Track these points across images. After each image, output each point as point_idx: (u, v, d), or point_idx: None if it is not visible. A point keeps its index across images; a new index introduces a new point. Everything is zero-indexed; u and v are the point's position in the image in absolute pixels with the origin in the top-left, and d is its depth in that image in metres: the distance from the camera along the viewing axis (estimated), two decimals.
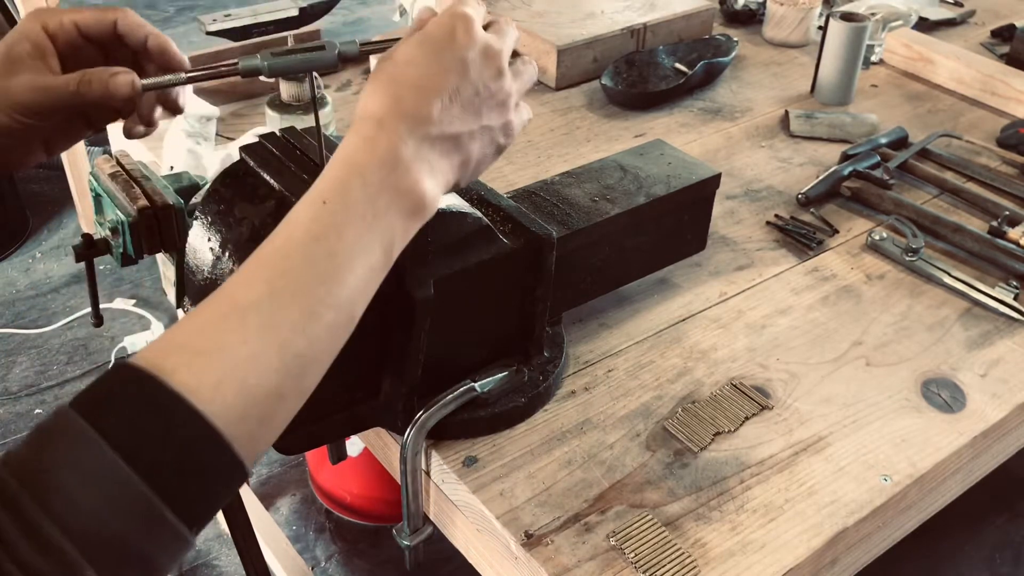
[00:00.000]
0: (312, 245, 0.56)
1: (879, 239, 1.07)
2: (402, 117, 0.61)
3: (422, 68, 0.62)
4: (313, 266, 0.55)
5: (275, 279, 0.54)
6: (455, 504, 0.80)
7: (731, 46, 1.47)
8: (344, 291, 0.56)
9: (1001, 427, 0.88)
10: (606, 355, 0.92)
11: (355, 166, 0.59)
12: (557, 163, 1.23)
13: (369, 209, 0.58)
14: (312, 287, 0.55)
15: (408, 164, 0.60)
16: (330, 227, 0.57)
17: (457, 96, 0.63)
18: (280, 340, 0.53)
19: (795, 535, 0.75)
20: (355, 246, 0.57)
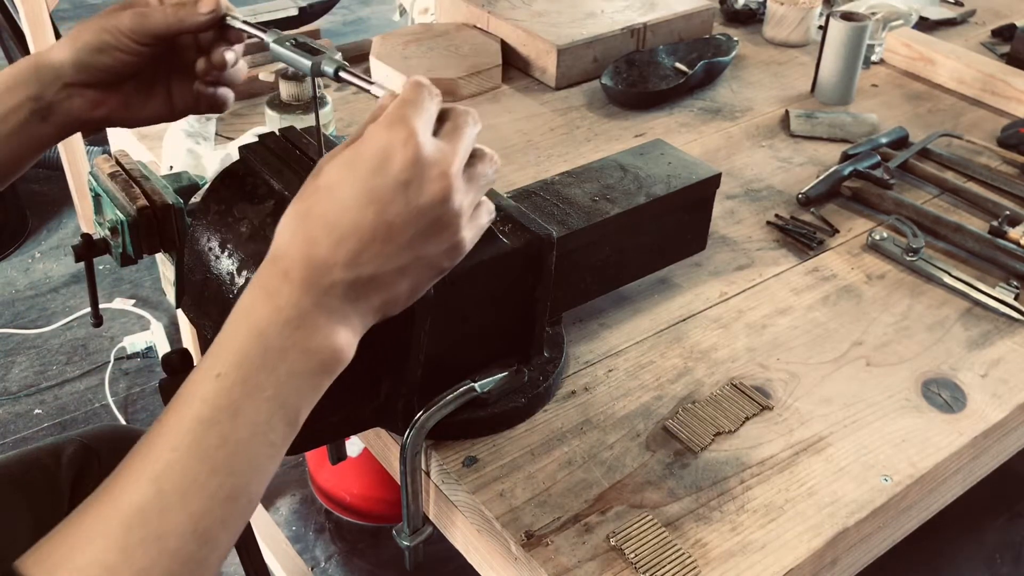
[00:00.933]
0: (203, 432, 0.51)
1: (879, 239, 1.07)
2: (310, 264, 0.55)
3: (343, 200, 0.55)
4: (204, 458, 0.50)
5: (161, 477, 0.50)
6: (455, 504, 0.80)
7: (731, 46, 1.47)
8: (240, 480, 0.51)
9: (1001, 427, 0.88)
10: (606, 355, 0.92)
11: (255, 327, 0.54)
12: (557, 163, 1.22)
13: (270, 379, 0.53)
14: (202, 484, 0.50)
15: (315, 320, 0.54)
16: (224, 408, 0.51)
17: (383, 231, 0.55)
18: (169, 550, 0.49)
19: (795, 535, 0.75)
20: (253, 426, 0.52)
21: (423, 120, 0.56)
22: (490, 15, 1.47)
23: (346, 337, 0.56)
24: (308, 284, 0.54)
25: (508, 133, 1.29)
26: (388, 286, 0.57)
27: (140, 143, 1.25)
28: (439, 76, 1.34)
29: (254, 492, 0.53)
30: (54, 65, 0.76)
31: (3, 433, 1.97)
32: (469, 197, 0.59)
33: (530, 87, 1.42)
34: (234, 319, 0.54)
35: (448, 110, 0.59)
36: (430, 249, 0.58)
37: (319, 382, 0.56)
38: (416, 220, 0.56)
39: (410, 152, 0.55)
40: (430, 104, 0.57)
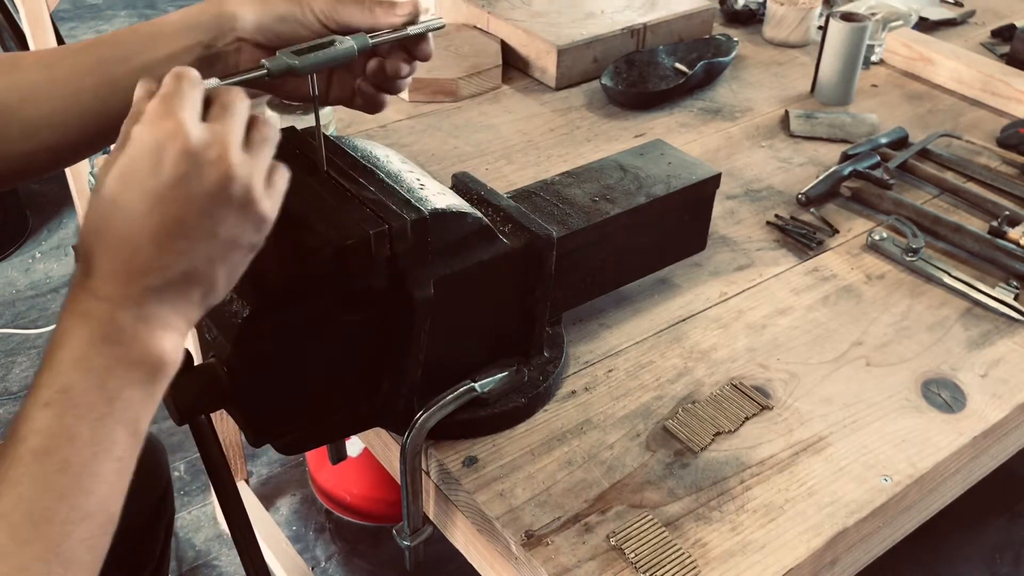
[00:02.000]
0: (41, 463, 0.50)
1: (879, 239, 1.07)
2: (116, 279, 0.54)
3: (128, 209, 0.53)
4: (48, 486, 0.50)
5: (10, 512, 0.49)
6: (455, 504, 0.80)
7: (731, 46, 1.47)
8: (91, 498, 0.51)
9: (1001, 427, 0.88)
10: (606, 355, 0.92)
11: (74, 353, 0.52)
12: (557, 163, 1.22)
13: (100, 398, 0.52)
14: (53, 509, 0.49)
15: (133, 331, 0.53)
16: (58, 435, 0.51)
17: (177, 229, 0.54)
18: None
19: (795, 535, 0.75)
20: (93, 445, 0.51)
21: (188, 109, 0.55)
22: (490, 15, 1.47)
23: (171, 341, 0.56)
24: (117, 298, 0.53)
25: (508, 133, 1.29)
26: (202, 278, 0.56)
27: None
28: (439, 76, 1.34)
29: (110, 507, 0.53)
30: (236, 17, 0.73)
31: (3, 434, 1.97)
32: (257, 167, 0.57)
33: (530, 87, 1.42)
34: (53, 348, 0.53)
35: (213, 92, 0.58)
36: (232, 231, 0.56)
37: (152, 390, 0.55)
38: (206, 209, 0.55)
39: (180, 144, 0.53)
40: (192, 91, 0.56)
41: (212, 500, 1.83)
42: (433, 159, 1.22)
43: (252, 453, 1.92)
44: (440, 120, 1.32)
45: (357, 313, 0.73)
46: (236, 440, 1.74)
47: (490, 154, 1.24)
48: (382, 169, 0.76)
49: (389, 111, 1.33)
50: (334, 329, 0.72)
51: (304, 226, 0.69)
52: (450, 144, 1.26)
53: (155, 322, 0.55)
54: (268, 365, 0.71)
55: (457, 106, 1.35)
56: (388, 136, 1.28)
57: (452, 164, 1.21)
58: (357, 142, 0.81)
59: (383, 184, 0.74)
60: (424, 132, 1.29)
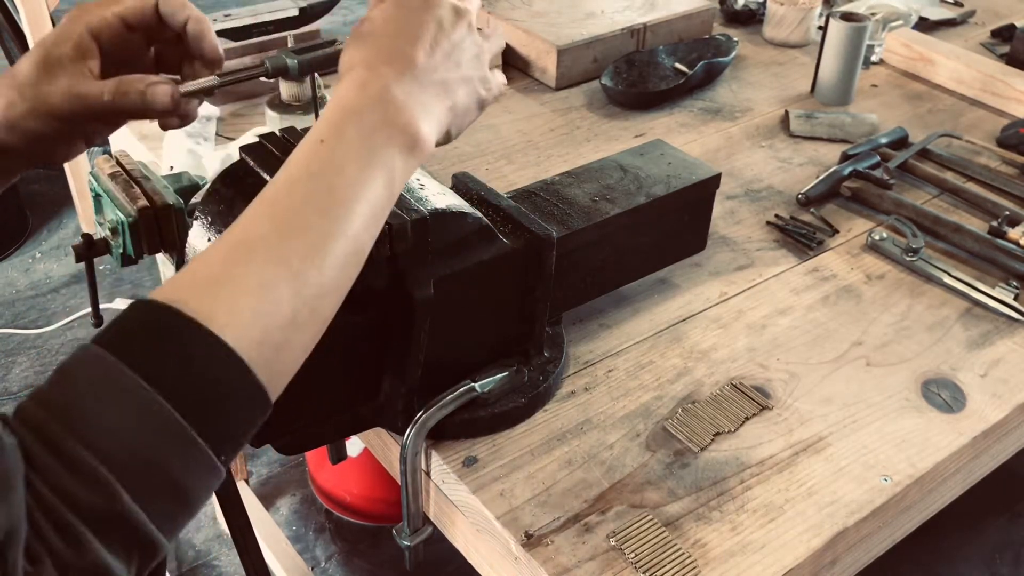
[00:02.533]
0: (312, 182, 0.57)
1: (879, 239, 1.07)
2: (390, 61, 0.63)
3: (400, 22, 0.65)
4: (315, 200, 0.56)
5: (278, 215, 0.56)
6: (455, 504, 0.80)
7: (731, 46, 1.47)
8: (349, 224, 0.57)
9: (1001, 427, 0.88)
10: (606, 355, 0.92)
11: (349, 108, 0.61)
12: (557, 163, 1.22)
13: (365, 145, 0.59)
14: (316, 220, 0.56)
15: (402, 102, 0.62)
16: (328, 164, 0.58)
17: (437, 45, 0.65)
18: (290, 270, 0.54)
19: (795, 535, 0.75)
20: (355, 180, 0.58)
21: None
22: (490, 15, 1.47)
23: (428, 126, 0.63)
24: (391, 74, 0.62)
25: (508, 133, 1.29)
26: (452, 92, 0.66)
27: (140, 143, 1.25)
28: None
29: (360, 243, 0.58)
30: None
31: None
32: (487, 44, 0.70)
33: (530, 87, 1.42)
34: (329, 108, 0.61)
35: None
36: (473, 70, 0.68)
37: (408, 161, 0.62)
38: (455, 41, 0.66)
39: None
40: None
41: (212, 500, 1.83)
42: (433, 159, 1.22)
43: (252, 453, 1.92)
44: None
45: (357, 313, 0.73)
46: None
47: (490, 154, 1.24)
48: None
49: None
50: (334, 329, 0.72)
51: None
52: (450, 144, 1.26)
53: (417, 105, 0.63)
54: None
55: None
56: None
57: (452, 164, 1.21)
58: None
59: None
60: None
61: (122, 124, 0.76)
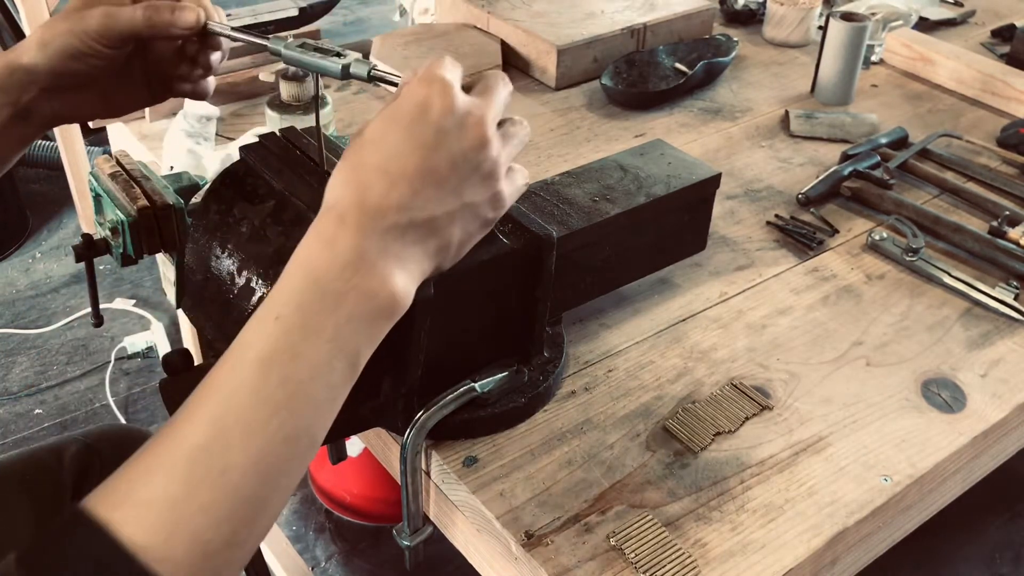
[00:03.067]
0: (262, 372, 0.51)
1: (879, 239, 1.07)
2: (365, 209, 0.56)
3: (390, 148, 0.58)
4: (263, 398, 0.51)
5: (222, 417, 0.50)
6: (455, 504, 0.80)
7: (731, 46, 1.47)
8: (301, 420, 0.52)
9: (1001, 427, 0.88)
10: (606, 355, 0.92)
11: (312, 272, 0.55)
12: (557, 163, 1.23)
13: (329, 321, 0.53)
14: (263, 422, 0.51)
15: (373, 262, 0.55)
16: (283, 349, 0.52)
17: (431, 176, 0.58)
18: (231, 486, 0.49)
19: (795, 535, 0.75)
20: (313, 367, 0.53)
21: (454, 76, 0.60)
22: (490, 15, 1.47)
23: (404, 282, 0.58)
24: (364, 227, 0.56)
25: None
26: (441, 231, 0.59)
27: (140, 143, 1.25)
28: None
29: (315, 434, 0.54)
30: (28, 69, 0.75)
31: (4, 433, 1.97)
32: (505, 151, 0.62)
33: (530, 87, 1.42)
34: (291, 268, 0.56)
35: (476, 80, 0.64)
36: (474, 196, 0.60)
37: (378, 327, 0.57)
38: (459, 165, 0.58)
39: (447, 101, 0.58)
40: (456, 68, 0.61)
41: None
42: None
43: None
44: None
45: None
46: None
47: None
48: None
49: None
50: None
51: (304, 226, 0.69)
52: None
53: (393, 260, 0.57)
54: None
55: None
56: None
57: None
58: None
59: None
60: None
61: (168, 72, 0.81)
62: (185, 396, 0.71)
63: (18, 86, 0.75)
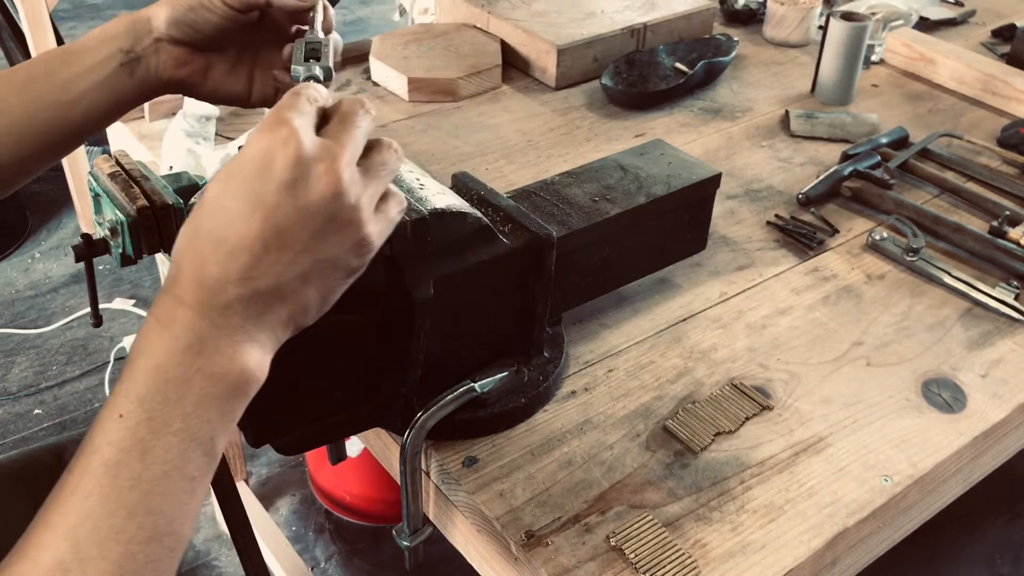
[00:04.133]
0: (111, 476, 0.48)
1: (879, 239, 1.07)
2: (203, 284, 0.52)
3: (229, 212, 0.52)
4: (117, 502, 0.48)
5: (76, 528, 0.47)
6: (455, 504, 0.80)
7: (731, 46, 1.47)
8: (161, 519, 0.49)
9: (1002, 427, 0.88)
10: (606, 355, 0.92)
11: (152, 360, 0.51)
12: (557, 163, 1.22)
13: (175, 412, 0.50)
14: (119, 528, 0.48)
15: (216, 342, 0.51)
16: (131, 448, 0.49)
17: (275, 239, 0.52)
18: None
19: (795, 535, 0.75)
20: (165, 463, 0.50)
21: (303, 119, 0.53)
22: (490, 15, 1.47)
23: (255, 356, 0.53)
24: (202, 306, 0.51)
25: (508, 133, 1.29)
26: (292, 295, 0.54)
27: (140, 143, 1.25)
28: (439, 76, 1.34)
29: (179, 529, 0.51)
30: (149, 19, 0.79)
31: (3, 433, 1.97)
32: (369, 190, 0.56)
33: (530, 87, 1.42)
34: (133, 355, 0.52)
35: (335, 105, 0.57)
36: (332, 250, 0.54)
37: (231, 407, 0.53)
38: (308, 221, 0.52)
39: (291, 151, 0.52)
40: (308, 106, 0.55)
41: (212, 500, 1.82)
42: (433, 159, 1.22)
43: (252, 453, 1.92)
44: (440, 120, 1.32)
45: (357, 313, 0.73)
46: (236, 440, 1.74)
47: (490, 154, 1.24)
48: None
49: (389, 111, 1.33)
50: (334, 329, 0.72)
51: None
52: (450, 144, 1.26)
53: (239, 335, 0.52)
54: None
55: (457, 106, 1.35)
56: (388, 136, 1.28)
57: (452, 164, 1.21)
58: None
59: None
60: (424, 132, 1.29)
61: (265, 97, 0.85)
62: None
63: (135, 34, 0.79)
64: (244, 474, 1.85)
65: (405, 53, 1.40)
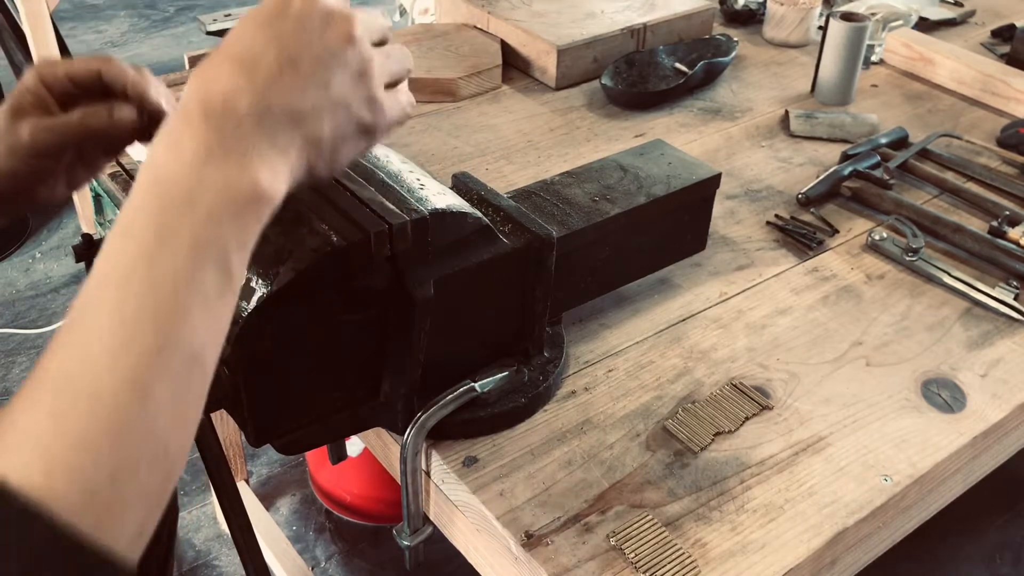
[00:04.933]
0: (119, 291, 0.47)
1: (879, 239, 1.07)
2: (213, 98, 0.52)
3: (242, 42, 0.54)
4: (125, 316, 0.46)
5: (85, 342, 0.46)
6: (455, 504, 0.80)
7: (731, 46, 1.47)
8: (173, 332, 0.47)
9: (1001, 427, 0.88)
10: (606, 355, 0.92)
11: (158, 176, 0.50)
12: (557, 163, 1.22)
13: (184, 223, 0.49)
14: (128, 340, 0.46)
15: (225, 153, 0.51)
16: (139, 263, 0.47)
17: (290, 66, 0.54)
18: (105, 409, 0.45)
19: (795, 535, 0.75)
20: (176, 275, 0.48)
21: None
22: (490, 15, 1.47)
23: (266, 172, 0.52)
24: (212, 118, 0.51)
25: (508, 133, 1.29)
26: (305, 123, 0.55)
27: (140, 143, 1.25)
28: (439, 76, 1.34)
29: (195, 348, 0.48)
30: None
31: None
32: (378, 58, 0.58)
33: (530, 87, 1.42)
34: (138, 178, 0.50)
35: None
36: (345, 92, 0.56)
37: (244, 223, 0.51)
38: (323, 59, 0.55)
39: None
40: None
41: (212, 500, 1.83)
42: (433, 159, 1.22)
43: (252, 453, 1.92)
44: (440, 120, 1.32)
45: (357, 313, 0.73)
46: (236, 440, 1.74)
47: (490, 154, 1.24)
48: (382, 169, 0.76)
49: None
50: (334, 329, 0.72)
51: (304, 226, 0.69)
52: (450, 144, 1.26)
53: (250, 151, 0.52)
54: (268, 365, 0.71)
55: (457, 106, 1.35)
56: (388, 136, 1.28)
57: (452, 164, 1.21)
58: None
59: (383, 184, 0.74)
60: (424, 132, 1.29)
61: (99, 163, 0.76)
62: None
63: None
64: (244, 474, 1.85)
65: None
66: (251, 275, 0.68)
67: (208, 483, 1.52)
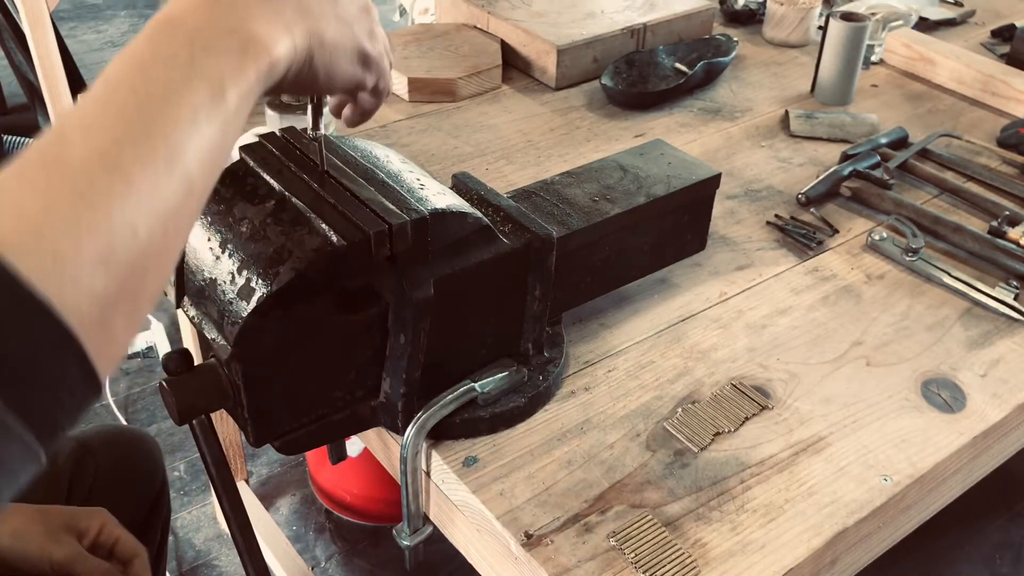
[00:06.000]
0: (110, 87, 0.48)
1: (879, 239, 1.07)
2: None
3: None
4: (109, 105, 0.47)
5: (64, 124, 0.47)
6: (455, 504, 0.80)
7: (731, 46, 1.47)
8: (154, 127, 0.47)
9: (1001, 427, 0.88)
10: (606, 355, 0.92)
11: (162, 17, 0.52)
12: (557, 163, 1.23)
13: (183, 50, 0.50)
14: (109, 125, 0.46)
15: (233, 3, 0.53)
16: (133, 70, 0.49)
17: None
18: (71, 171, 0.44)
19: (795, 535, 0.75)
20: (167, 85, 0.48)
21: None
22: (490, 15, 1.47)
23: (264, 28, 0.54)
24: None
25: (508, 133, 1.29)
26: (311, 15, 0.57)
27: None
28: (439, 76, 1.34)
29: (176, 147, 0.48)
30: None
31: None
32: (375, 12, 0.65)
33: (530, 87, 1.42)
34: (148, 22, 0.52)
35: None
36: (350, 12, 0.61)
37: (243, 66, 0.52)
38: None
39: None
40: None
41: (212, 500, 1.83)
42: (433, 159, 1.22)
43: (252, 453, 1.92)
44: (440, 120, 1.32)
45: (357, 313, 0.73)
46: (236, 440, 1.74)
47: (490, 154, 1.24)
48: (382, 169, 0.76)
49: (389, 111, 1.33)
50: (334, 329, 0.72)
51: (304, 226, 0.69)
52: (450, 144, 1.26)
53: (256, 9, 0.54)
54: (268, 365, 0.71)
55: (457, 106, 1.35)
56: (388, 136, 1.28)
57: (452, 164, 1.21)
58: (357, 142, 0.81)
59: (383, 184, 0.74)
60: (424, 132, 1.29)
61: None
62: (185, 396, 0.71)
63: None
64: (244, 474, 1.85)
65: (405, 53, 1.40)
66: (251, 275, 0.69)
67: (208, 483, 1.52)
